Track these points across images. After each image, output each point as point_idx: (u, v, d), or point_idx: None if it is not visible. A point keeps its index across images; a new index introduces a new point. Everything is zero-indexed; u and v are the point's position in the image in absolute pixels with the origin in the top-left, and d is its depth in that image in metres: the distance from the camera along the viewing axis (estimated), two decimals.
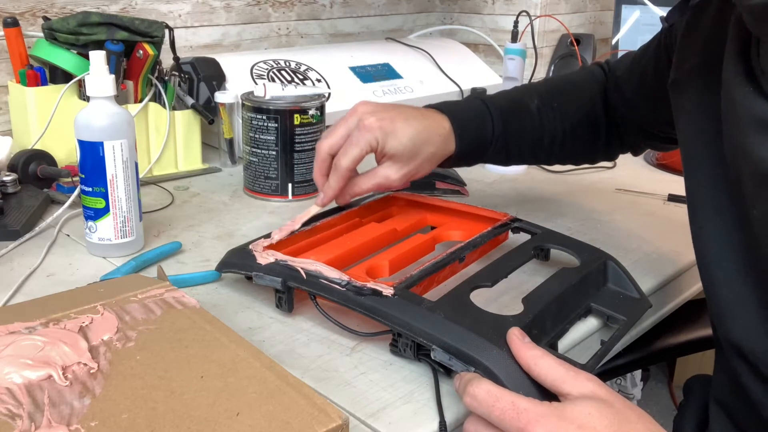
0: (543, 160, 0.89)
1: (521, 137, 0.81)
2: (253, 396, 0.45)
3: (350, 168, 0.70)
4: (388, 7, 1.64)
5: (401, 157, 0.70)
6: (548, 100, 0.82)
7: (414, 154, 0.71)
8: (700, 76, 0.61)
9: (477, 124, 0.77)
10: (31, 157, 0.92)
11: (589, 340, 0.64)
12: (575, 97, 0.84)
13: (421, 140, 0.71)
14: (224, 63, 1.15)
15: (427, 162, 0.73)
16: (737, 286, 0.55)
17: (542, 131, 0.81)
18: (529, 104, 0.81)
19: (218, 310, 0.64)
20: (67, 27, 0.95)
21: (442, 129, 0.74)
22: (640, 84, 0.79)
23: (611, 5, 1.63)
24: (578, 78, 0.88)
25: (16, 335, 0.51)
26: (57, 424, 0.42)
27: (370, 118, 0.69)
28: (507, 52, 1.22)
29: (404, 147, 0.70)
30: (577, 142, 0.84)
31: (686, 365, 1.81)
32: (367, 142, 0.69)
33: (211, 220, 0.88)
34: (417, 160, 0.71)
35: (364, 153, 0.69)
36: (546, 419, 0.43)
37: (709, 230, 0.58)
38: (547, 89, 0.85)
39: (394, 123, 0.70)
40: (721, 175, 0.57)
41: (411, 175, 0.72)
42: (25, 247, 0.78)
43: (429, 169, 0.74)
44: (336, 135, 0.70)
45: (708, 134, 0.59)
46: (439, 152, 0.73)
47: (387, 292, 0.57)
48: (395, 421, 0.50)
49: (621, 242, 0.83)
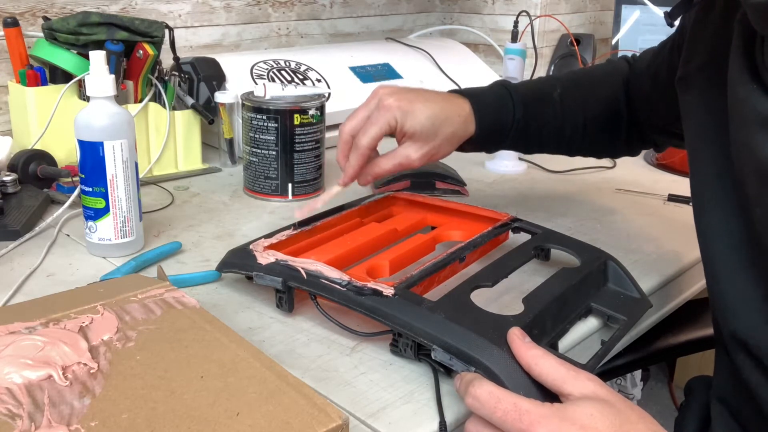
0: (564, 150, 0.88)
1: (542, 125, 0.81)
2: (253, 396, 0.45)
3: (370, 146, 0.70)
4: (388, 7, 1.64)
5: (420, 136, 0.71)
6: (571, 90, 0.83)
7: (433, 134, 0.71)
8: (706, 74, 0.61)
9: (497, 108, 0.78)
10: (31, 157, 0.92)
11: (590, 340, 0.64)
12: (598, 88, 0.84)
13: (441, 120, 0.72)
14: (224, 63, 1.15)
15: (446, 142, 0.73)
16: (742, 281, 0.55)
17: (563, 120, 0.82)
18: (551, 92, 0.82)
19: (218, 310, 0.64)
20: (67, 27, 0.95)
21: (462, 110, 0.74)
22: (656, 80, 0.79)
23: (611, 5, 1.63)
24: (602, 71, 0.88)
25: (16, 335, 0.51)
26: (57, 424, 0.42)
27: (389, 99, 0.70)
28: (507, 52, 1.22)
29: (423, 126, 0.70)
30: (598, 133, 0.84)
31: (686, 365, 1.81)
32: (386, 120, 0.70)
33: (211, 220, 0.88)
34: (436, 139, 0.72)
35: (383, 132, 0.70)
36: (548, 420, 0.43)
37: (714, 226, 0.58)
38: (571, 80, 0.85)
39: (413, 103, 0.71)
40: (727, 173, 0.57)
41: (431, 155, 0.72)
42: (25, 247, 0.78)
43: (449, 151, 0.74)
44: (357, 117, 0.71)
45: (714, 132, 0.59)
46: (458, 133, 0.74)
47: (387, 292, 0.57)
48: (395, 421, 0.50)
49: (621, 242, 0.83)
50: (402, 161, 0.72)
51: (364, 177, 0.73)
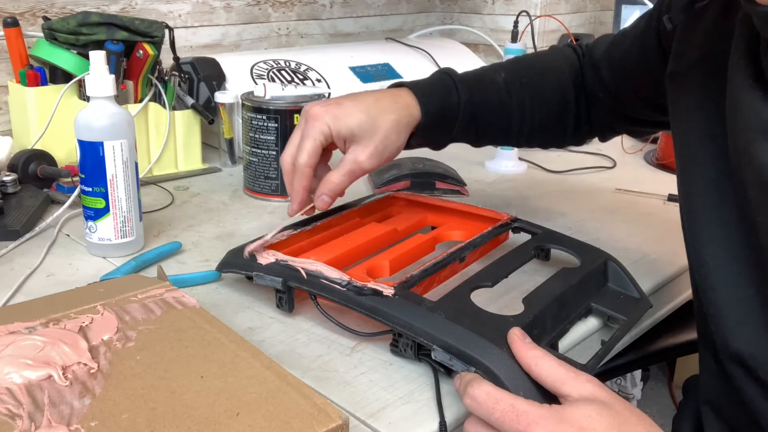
0: (513, 138, 0.82)
1: (488, 110, 0.77)
2: (253, 396, 0.45)
3: (308, 164, 0.66)
4: (388, 7, 1.64)
5: (360, 133, 0.66)
6: (515, 75, 0.79)
7: (374, 127, 0.66)
8: (702, 71, 0.59)
9: (440, 91, 0.73)
10: (31, 157, 0.92)
11: (590, 340, 0.64)
12: (544, 75, 0.81)
13: (377, 111, 0.67)
14: (224, 63, 1.15)
15: (392, 132, 0.67)
16: (740, 291, 0.54)
17: (510, 105, 0.78)
18: (494, 77, 0.78)
19: (218, 310, 0.64)
20: (67, 27, 0.95)
21: (399, 98, 0.70)
22: (621, 68, 0.76)
23: (611, 5, 1.63)
24: (547, 57, 0.85)
25: (16, 335, 0.51)
26: (57, 424, 0.42)
27: (315, 108, 0.67)
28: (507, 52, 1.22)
29: (359, 122, 0.66)
30: (546, 120, 0.81)
31: (686, 365, 1.81)
32: (318, 130, 0.66)
33: (211, 220, 0.88)
34: (379, 132, 0.66)
35: (318, 143, 0.66)
36: (546, 421, 0.43)
37: (709, 234, 0.56)
38: (514, 65, 0.82)
39: (341, 105, 0.67)
40: (723, 177, 0.55)
41: (380, 151, 0.67)
42: (25, 247, 0.78)
43: (398, 142, 0.69)
44: (292, 142, 0.68)
45: (708, 133, 0.57)
46: (402, 119, 0.68)
47: (387, 292, 0.57)
48: (395, 421, 0.50)
49: (621, 242, 0.83)
50: (351, 167, 0.66)
51: (320, 200, 0.67)
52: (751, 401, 0.53)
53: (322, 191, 0.67)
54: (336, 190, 0.67)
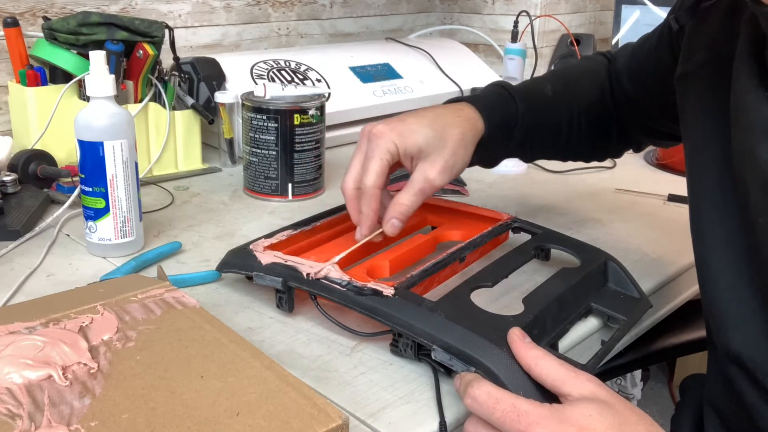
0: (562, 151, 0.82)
1: (541, 122, 0.77)
2: (253, 396, 0.45)
3: (376, 185, 0.63)
4: (388, 7, 1.64)
5: (429, 148, 0.64)
6: (561, 86, 0.79)
7: (442, 141, 0.64)
8: (708, 72, 0.58)
9: (498, 102, 0.73)
10: (31, 157, 0.92)
11: (590, 340, 0.64)
12: (584, 85, 0.81)
13: (442, 125, 0.65)
14: (224, 63, 1.15)
15: (459, 147, 0.65)
16: (740, 292, 0.53)
17: (559, 117, 0.78)
18: (543, 89, 0.78)
19: (218, 310, 0.64)
20: (67, 27, 0.95)
21: (461, 111, 0.69)
22: (639, 77, 0.76)
23: (611, 5, 1.63)
24: (585, 67, 0.85)
25: (16, 335, 0.51)
26: (57, 424, 0.42)
27: (377, 127, 0.64)
28: (507, 52, 1.22)
29: (426, 137, 0.64)
30: (591, 131, 0.81)
31: (686, 365, 1.81)
32: (384, 149, 0.63)
33: (211, 220, 0.88)
34: (447, 146, 0.64)
35: (385, 162, 0.63)
36: (546, 421, 0.43)
37: (713, 234, 0.56)
38: (556, 77, 0.82)
39: (404, 121, 0.65)
40: (727, 178, 0.54)
41: (450, 166, 0.65)
42: (25, 247, 0.78)
43: (466, 156, 0.67)
44: (354, 166, 0.65)
45: (715, 134, 0.56)
46: (468, 132, 0.67)
47: (387, 292, 0.57)
48: (395, 421, 0.50)
49: (621, 242, 0.83)
50: (422, 186, 0.63)
51: (390, 224, 0.64)
52: (750, 404, 0.53)
53: (391, 215, 0.64)
54: (406, 213, 0.64)
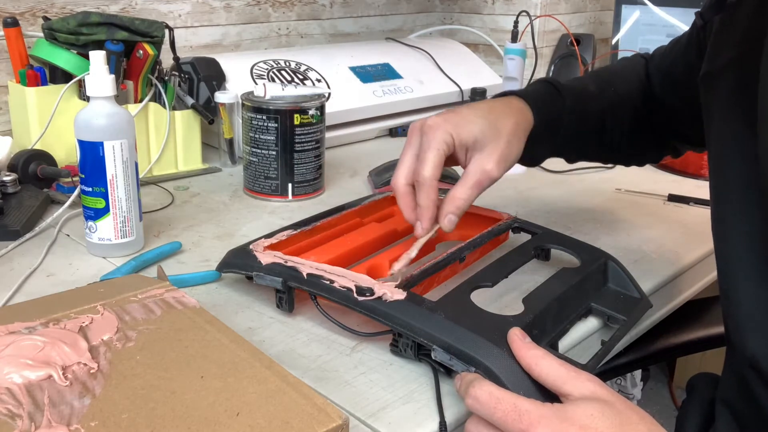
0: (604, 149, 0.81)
1: (586, 118, 0.75)
2: (253, 396, 0.45)
3: (435, 176, 0.61)
4: (388, 7, 1.64)
5: (483, 140, 0.63)
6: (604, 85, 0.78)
7: (496, 132, 0.63)
8: (735, 71, 0.57)
9: (547, 97, 0.72)
10: (31, 157, 0.92)
11: (590, 340, 0.64)
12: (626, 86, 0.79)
13: (496, 115, 0.64)
14: (224, 63, 1.15)
15: (513, 137, 0.64)
16: (760, 294, 0.53)
17: (602, 113, 0.77)
18: (587, 86, 0.77)
19: (218, 310, 0.64)
20: (67, 27, 0.95)
21: (511, 102, 0.68)
22: (670, 80, 0.76)
23: (611, 5, 1.63)
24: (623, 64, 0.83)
25: (16, 335, 0.50)
26: (57, 424, 0.42)
27: (431, 119, 0.63)
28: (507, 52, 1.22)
29: (481, 127, 0.62)
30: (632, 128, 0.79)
31: (686, 365, 1.81)
32: (440, 140, 0.61)
33: (211, 220, 0.88)
34: (501, 137, 0.63)
35: (442, 153, 0.62)
36: (548, 420, 0.43)
37: (735, 235, 0.55)
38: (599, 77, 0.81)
39: (458, 113, 0.64)
40: (752, 178, 0.53)
41: (506, 156, 0.63)
42: (25, 247, 0.78)
43: (519, 147, 0.66)
44: (405, 161, 0.63)
45: (741, 133, 0.55)
46: (521, 123, 0.66)
47: (390, 298, 0.57)
48: (395, 421, 0.50)
49: (621, 242, 0.83)
50: (479, 177, 0.62)
51: (447, 219, 0.62)
52: (764, 405, 0.53)
53: (448, 210, 0.62)
54: (463, 207, 0.62)
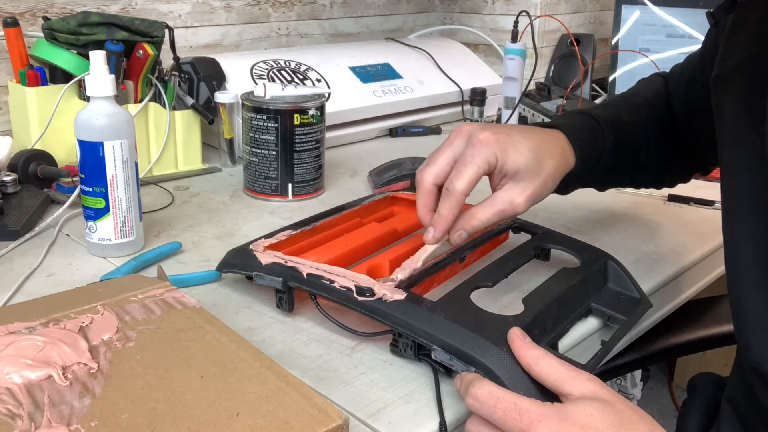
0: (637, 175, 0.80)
1: (625, 151, 0.74)
2: (253, 396, 0.45)
3: (466, 192, 0.60)
4: (388, 7, 1.64)
5: (524, 174, 0.62)
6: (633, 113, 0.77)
7: (537, 170, 0.62)
8: (745, 73, 0.57)
9: (591, 136, 0.71)
10: (31, 157, 0.92)
11: (590, 340, 0.64)
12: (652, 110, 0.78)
13: (543, 153, 0.63)
14: (224, 63, 1.15)
15: (550, 178, 0.64)
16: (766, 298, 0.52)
17: (637, 142, 0.76)
18: (620, 115, 0.75)
19: (218, 310, 0.64)
20: (67, 27, 0.95)
21: (559, 141, 0.67)
22: (688, 93, 0.75)
23: (611, 5, 1.63)
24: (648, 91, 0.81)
25: (16, 335, 0.51)
26: (57, 424, 0.42)
27: (483, 133, 0.61)
28: (507, 52, 1.22)
29: (527, 161, 0.61)
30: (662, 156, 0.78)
31: (686, 365, 1.81)
32: (484, 158, 0.60)
33: (211, 220, 0.88)
34: (540, 176, 0.62)
35: (481, 172, 0.60)
36: (548, 420, 0.43)
37: (743, 236, 0.55)
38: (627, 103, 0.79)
39: (510, 136, 0.62)
40: (762, 181, 0.53)
41: (537, 196, 0.63)
42: (25, 247, 0.78)
43: (552, 188, 0.65)
44: (440, 161, 0.61)
45: (751, 136, 0.54)
46: (560, 166, 0.65)
47: (390, 297, 0.57)
48: (395, 421, 0.50)
49: (621, 242, 0.83)
50: (504, 207, 0.61)
51: (458, 235, 0.61)
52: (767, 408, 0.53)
53: (462, 225, 0.61)
54: (478, 228, 0.62)
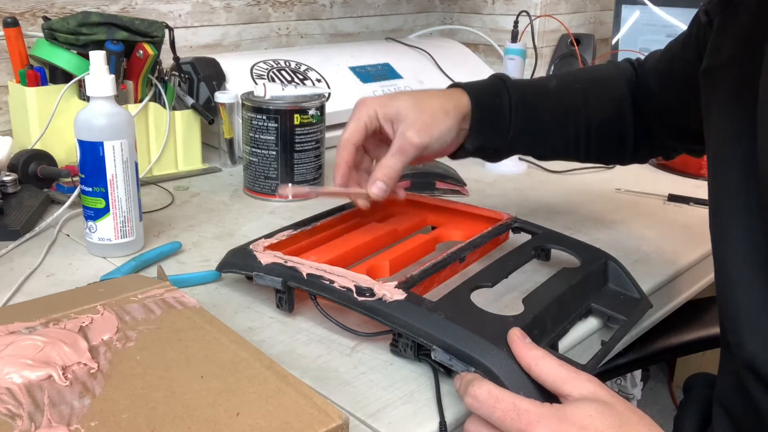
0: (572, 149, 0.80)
1: (542, 115, 0.76)
2: (253, 396, 0.45)
3: (349, 139, 0.67)
4: (388, 7, 1.64)
5: (407, 112, 0.67)
6: (568, 82, 0.79)
7: (420, 106, 0.68)
8: (737, 67, 0.56)
9: (489, 88, 0.74)
10: (31, 157, 0.92)
11: (590, 341, 0.64)
12: (600, 87, 0.80)
13: (424, 96, 0.69)
14: (224, 63, 1.15)
15: (439, 112, 0.68)
16: (758, 294, 0.52)
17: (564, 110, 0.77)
18: (546, 83, 0.78)
19: (218, 310, 0.64)
20: (67, 27, 0.95)
21: (446, 90, 0.72)
22: (667, 77, 0.75)
23: (611, 5, 1.63)
24: (604, 70, 0.84)
25: (16, 335, 0.51)
26: (57, 424, 0.42)
27: (366, 98, 0.70)
28: (507, 52, 1.22)
29: (405, 103, 0.67)
30: (605, 135, 0.79)
31: (686, 365, 1.81)
32: (365, 113, 0.68)
33: (211, 220, 0.88)
34: (425, 111, 0.67)
35: (362, 123, 0.67)
36: (547, 420, 0.43)
37: (731, 233, 0.55)
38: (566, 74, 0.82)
39: (391, 96, 0.69)
40: (751, 177, 0.52)
41: (428, 125, 0.67)
42: (25, 247, 0.78)
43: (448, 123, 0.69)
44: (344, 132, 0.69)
45: (741, 131, 0.54)
46: (448, 102, 0.70)
47: (390, 298, 0.57)
48: (395, 421, 0.50)
49: (621, 242, 0.83)
50: (401, 143, 0.66)
51: (375, 186, 0.66)
52: (761, 407, 0.52)
53: (375, 176, 0.66)
54: (389, 174, 0.66)
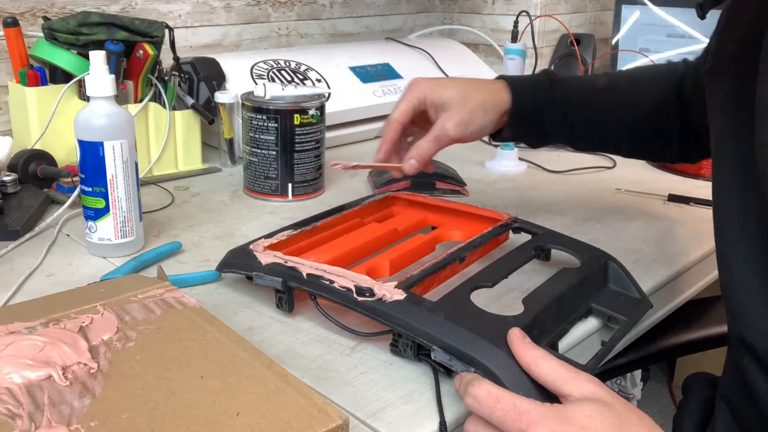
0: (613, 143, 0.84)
1: (585, 110, 0.80)
2: (253, 396, 0.45)
3: (398, 119, 0.74)
4: (388, 7, 1.64)
5: (450, 104, 0.73)
6: (619, 83, 0.81)
7: (464, 101, 0.73)
8: (737, 65, 0.57)
9: (532, 84, 0.79)
10: (31, 157, 0.92)
11: (590, 341, 0.64)
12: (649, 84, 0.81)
13: (471, 89, 0.75)
14: (224, 63, 1.15)
15: (479, 109, 0.74)
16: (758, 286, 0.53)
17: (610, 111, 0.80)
18: (595, 81, 0.82)
19: (218, 310, 0.64)
20: (67, 27, 0.95)
21: (490, 84, 0.77)
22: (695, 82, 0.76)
23: (611, 5, 1.63)
24: (657, 69, 0.86)
25: (16, 335, 0.51)
26: (57, 424, 0.42)
27: (419, 79, 0.76)
28: (507, 52, 1.22)
29: (452, 93, 0.73)
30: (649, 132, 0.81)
31: (686, 365, 1.81)
32: (414, 95, 0.74)
33: (211, 220, 0.88)
34: (467, 106, 0.73)
35: (412, 104, 0.74)
36: (547, 420, 0.43)
37: (732, 226, 0.56)
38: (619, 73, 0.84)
39: (442, 83, 0.75)
40: (748, 172, 0.53)
41: (466, 122, 0.73)
42: (25, 247, 0.78)
43: (486, 120, 0.75)
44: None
45: (741, 128, 0.55)
46: (489, 100, 0.75)
47: (390, 298, 0.57)
48: (395, 421, 0.50)
49: (621, 242, 0.83)
50: (438, 133, 0.73)
51: (408, 163, 0.73)
52: (762, 397, 0.53)
53: (410, 155, 0.74)
54: (423, 155, 0.73)
